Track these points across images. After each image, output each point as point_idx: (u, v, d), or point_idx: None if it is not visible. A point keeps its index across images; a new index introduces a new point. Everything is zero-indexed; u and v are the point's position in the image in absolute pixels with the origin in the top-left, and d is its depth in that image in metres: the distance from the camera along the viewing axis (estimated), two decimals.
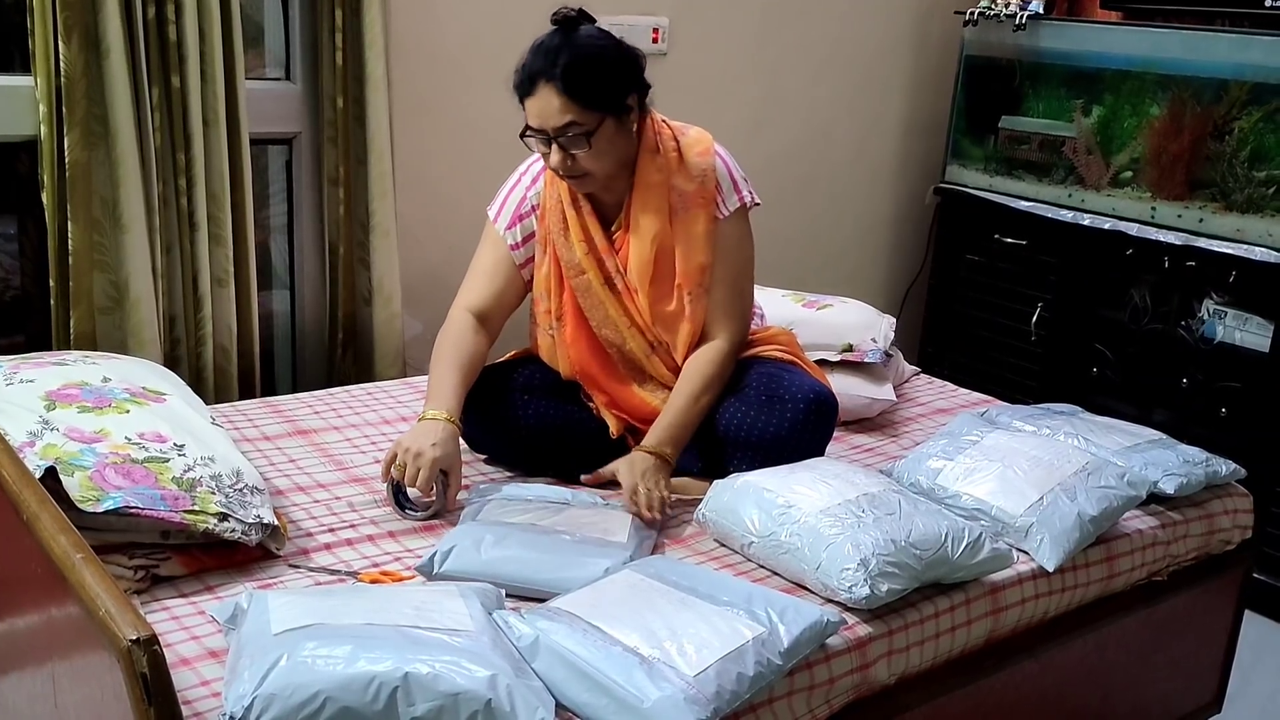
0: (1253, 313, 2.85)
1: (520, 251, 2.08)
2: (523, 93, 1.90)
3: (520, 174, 2.11)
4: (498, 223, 2.09)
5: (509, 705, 1.26)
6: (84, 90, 2.14)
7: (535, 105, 1.89)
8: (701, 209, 2.00)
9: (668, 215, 1.99)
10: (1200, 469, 2.09)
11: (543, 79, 1.87)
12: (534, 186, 2.07)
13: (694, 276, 2.00)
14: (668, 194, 1.99)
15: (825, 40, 3.41)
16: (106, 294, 2.25)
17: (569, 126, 1.87)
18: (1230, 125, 2.87)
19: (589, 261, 2.01)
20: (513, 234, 2.08)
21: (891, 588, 1.62)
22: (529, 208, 2.07)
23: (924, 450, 2.04)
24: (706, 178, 2.00)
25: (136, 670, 1.07)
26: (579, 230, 2.01)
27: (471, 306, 2.08)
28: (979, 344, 3.46)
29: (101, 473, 1.59)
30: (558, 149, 1.90)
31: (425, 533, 1.81)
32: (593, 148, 1.89)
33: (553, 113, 1.87)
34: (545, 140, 1.91)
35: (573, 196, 2.02)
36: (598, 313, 2.03)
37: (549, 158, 1.93)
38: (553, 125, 1.88)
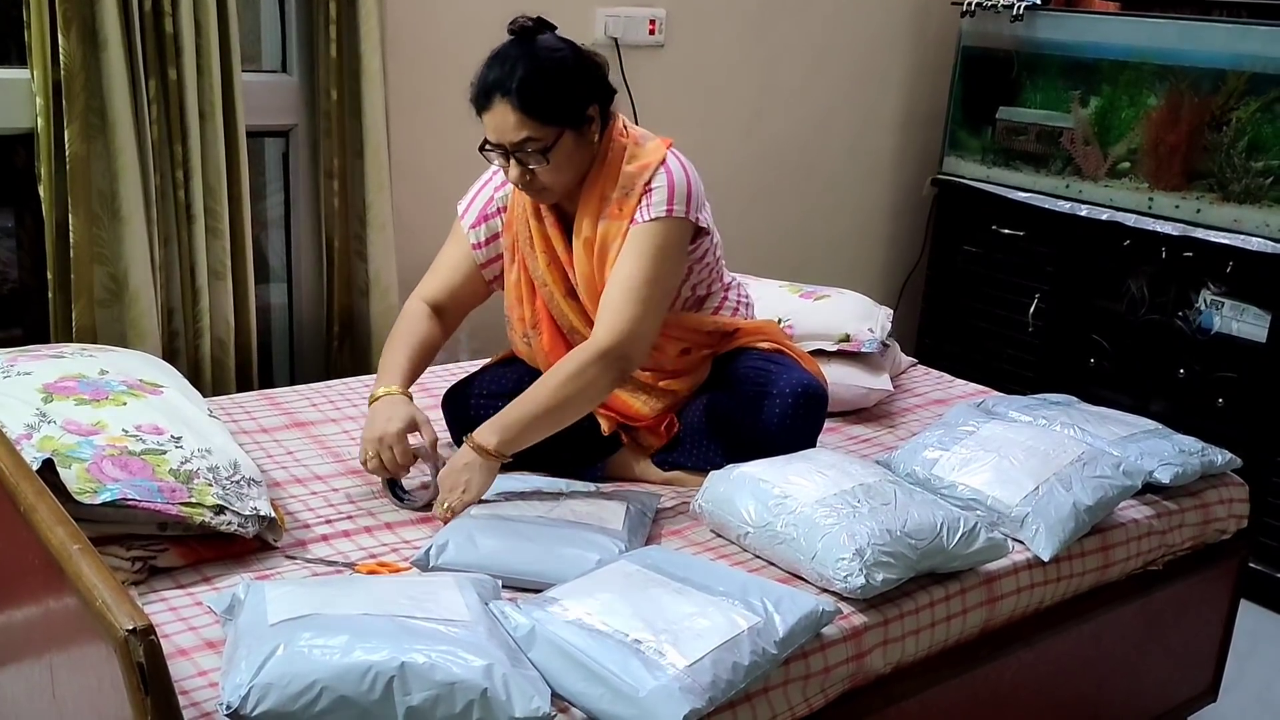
0: (1250, 303, 2.86)
1: (482, 251, 2.07)
2: (479, 106, 1.87)
3: (492, 173, 2.08)
4: (463, 219, 2.08)
5: (505, 694, 1.27)
6: (83, 83, 2.14)
7: (492, 120, 1.85)
8: (620, 220, 1.91)
9: (598, 225, 1.93)
10: (1196, 459, 2.10)
11: (498, 93, 1.83)
12: (503, 188, 2.06)
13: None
14: (601, 204, 1.93)
15: (823, 32, 3.40)
16: (105, 287, 2.26)
17: (526, 142, 1.84)
18: (1227, 115, 2.87)
19: (550, 273, 2.00)
20: (476, 233, 2.06)
21: (887, 577, 1.62)
22: (495, 209, 2.06)
23: (920, 440, 2.05)
24: (633, 190, 1.90)
25: (133, 660, 1.07)
26: (541, 241, 1.99)
27: (427, 298, 2.07)
28: (977, 335, 3.47)
29: (99, 465, 1.59)
30: (515, 164, 1.87)
31: (421, 524, 1.82)
32: (550, 162, 1.85)
33: (509, 128, 1.83)
34: (504, 154, 1.88)
35: (535, 208, 1.99)
36: (564, 322, 2.03)
37: (508, 172, 1.90)
38: (509, 140, 1.84)
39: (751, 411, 1.98)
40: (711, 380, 2.07)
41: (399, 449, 1.83)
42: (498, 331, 2.83)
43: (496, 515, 1.76)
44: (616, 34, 2.95)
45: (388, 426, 1.84)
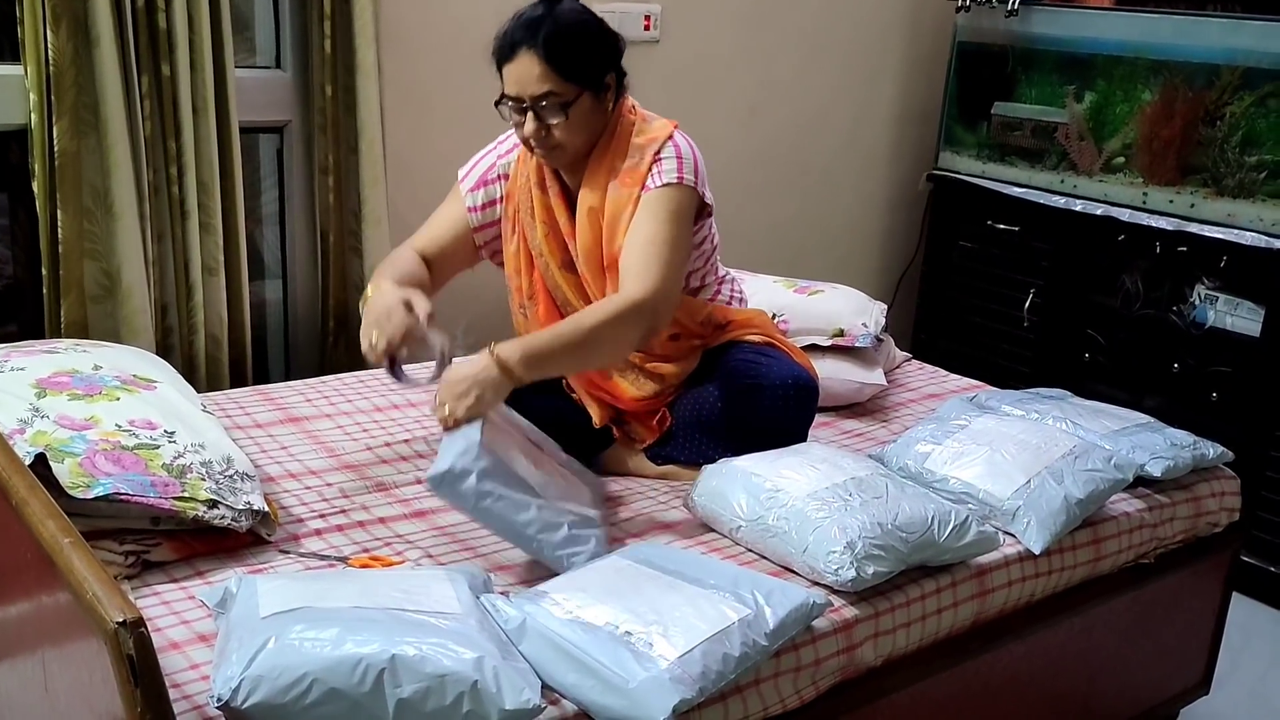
0: (1244, 297, 2.86)
1: (477, 215, 2.07)
2: (502, 58, 1.89)
3: (497, 142, 2.11)
4: (463, 183, 2.09)
5: (495, 687, 1.28)
6: (73, 79, 2.14)
7: (514, 71, 1.87)
8: (628, 188, 1.93)
9: (604, 195, 1.95)
10: (1188, 452, 2.10)
11: (524, 46, 1.86)
12: (507, 156, 2.07)
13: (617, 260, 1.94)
14: (609, 174, 1.95)
15: (818, 27, 3.41)
16: (98, 282, 2.26)
17: (547, 95, 1.86)
18: (1222, 110, 2.87)
19: (548, 244, 2.01)
20: (474, 196, 2.08)
21: (878, 570, 1.63)
22: (496, 175, 2.07)
23: (912, 434, 2.05)
24: (644, 159, 1.92)
25: (123, 652, 1.08)
26: (543, 212, 2.01)
27: (417, 249, 2.07)
28: (972, 330, 3.47)
29: (92, 459, 1.60)
30: (533, 118, 1.88)
31: (415, 518, 1.82)
32: (568, 119, 1.88)
33: (531, 80, 1.86)
34: (520, 109, 1.89)
35: (539, 178, 2.01)
36: (559, 295, 2.03)
37: (523, 127, 1.90)
38: (530, 93, 1.87)
39: (743, 404, 1.98)
40: (703, 373, 2.07)
41: (397, 317, 1.81)
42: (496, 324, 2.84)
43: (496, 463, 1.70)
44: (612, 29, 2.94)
45: (384, 302, 1.83)
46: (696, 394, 2.05)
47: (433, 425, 2.17)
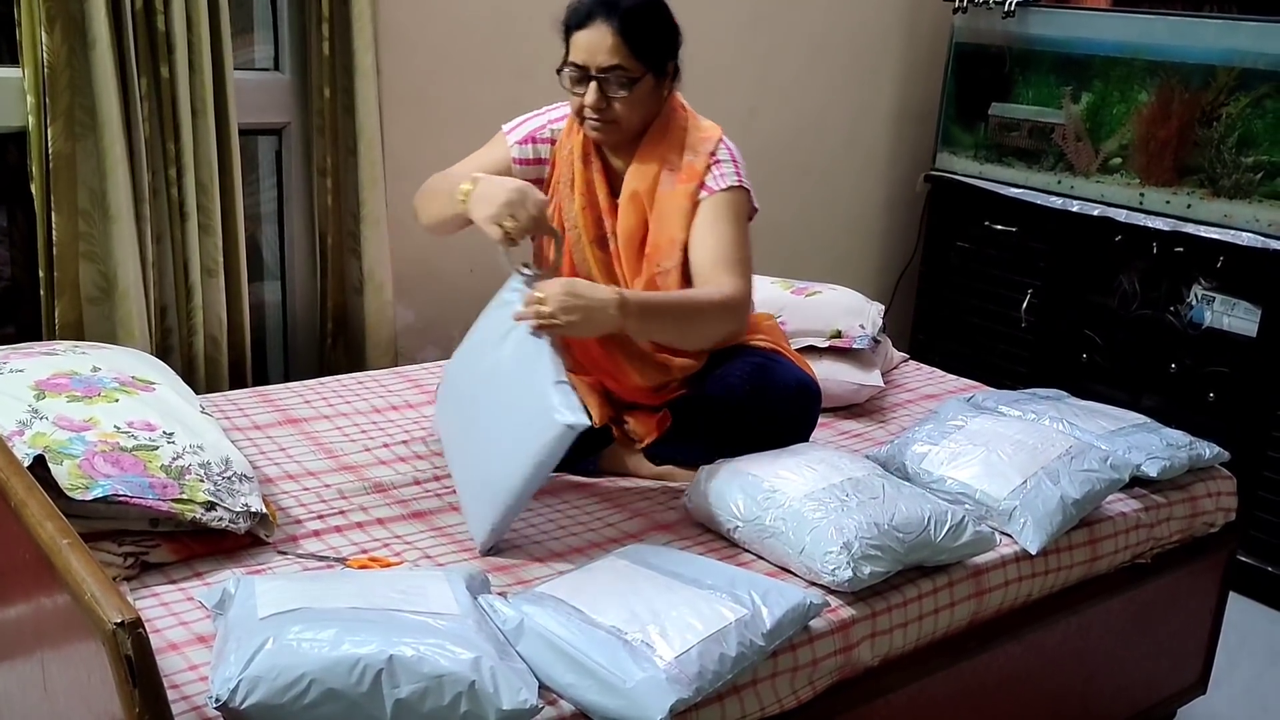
0: (1240, 298, 2.87)
1: (520, 169, 2.06)
2: (576, 24, 1.91)
3: (548, 108, 2.11)
4: (510, 135, 2.07)
5: (492, 687, 1.28)
6: (68, 81, 2.15)
7: (587, 39, 1.89)
8: (684, 184, 1.98)
9: (654, 183, 1.99)
10: (1184, 452, 2.11)
11: (600, 16, 1.89)
12: (558, 122, 2.07)
13: (663, 249, 1.98)
14: (661, 164, 1.99)
15: (816, 28, 3.41)
16: (95, 284, 2.26)
17: (615, 69, 1.90)
18: (1218, 111, 2.87)
19: (584, 218, 2.02)
20: (522, 149, 2.07)
21: (874, 570, 1.63)
22: (545, 136, 2.07)
23: (909, 435, 2.06)
24: (699, 158, 1.99)
25: (121, 653, 1.08)
26: (582, 185, 2.02)
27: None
28: (970, 331, 3.48)
29: (90, 461, 1.60)
30: (596, 88, 1.91)
31: (413, 519, 1.83)
32: (630, 95, 1.91)
33: (603, 50, 1.88)
34: (583, 78, 1.91)
35: (584, 152, 2.02)
36: (584, 268, 2.04)
37: (582, 97, 1.92)
38: (599, 63, 1.90)
39: (746, 407, 1.99)
40: (706, 374, 2.08)
41: (531, 200, 1.79)
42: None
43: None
44: None
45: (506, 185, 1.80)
46: (699, 395, 2.05)
47: (430, 425, 2.18)
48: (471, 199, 1.85)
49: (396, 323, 2.73)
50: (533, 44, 2.89)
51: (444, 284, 2.89)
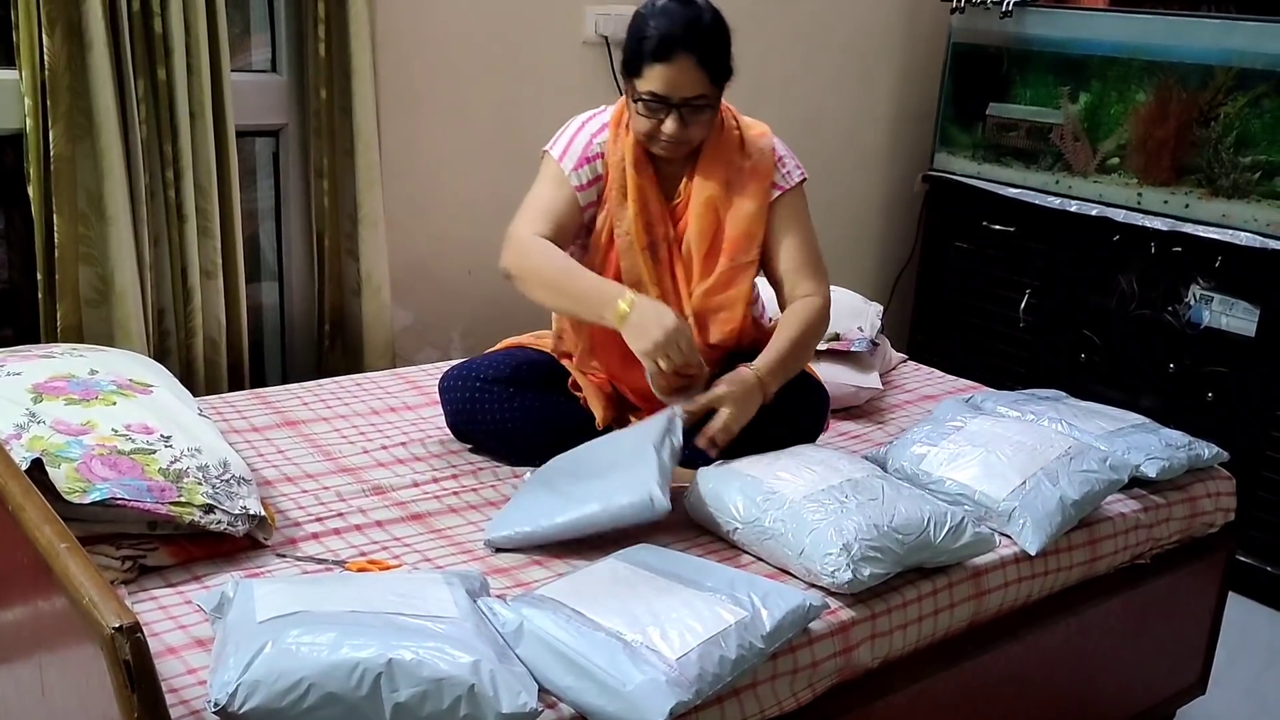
0: (1239, 297, 2.87)
1: (585, 193, 2.05)
2: (655, 57, 1.89)
3: (584, 121, 2.09)
4: (563, 162, 2.05)
5: (492, 690, 1.28)
6: (68, 83, 2.14)
7: (669, 73, 1.89)
8: (755, 183, 2.03)
9: (725, 186, 2.02)
10: (1183, 453, 2.11)
11: (683, 49, 1.88)
12: (600, 135, 2.06)
13: (740, 243, 2.02)
14: (727, 169, 2.02)
15: (813, 29, 3.41)
16: (93, 287, 2.26)
17: (698, 99, 1.91)
18: (1216, 111, 2.87)
19: (637, 225, 2.02)
20: (579, 175, 2.05)
21: (874, 572, 1.63)
22: (595, 152, 2.05)
23: (908, 436, 2.06)
24: (764, 156, 2.04)
25: (119, 657, 1.08)
26: (636, 193, 2.02)
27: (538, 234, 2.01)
28: (968, 331, 3.48)
29: (88, 464, 1.60)
30: (676, 118, 1.92)
31: (412, 521, 1.82)
32: (708, 119, 1.96)
33: (688, 84, 1.90)
34: (663, 108, 1.92)
35: (636, 159, 2.02)
36: (632, 275, 2.03)
37: (660, 125, 1.93)
38: (683, 95, 1.91)
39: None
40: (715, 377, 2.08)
41: (685, 340, 1.83)
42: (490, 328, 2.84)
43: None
44: (606, 32, 2.95)
45: (665, 321, 1.82)
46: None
47: (429, 427, 2.18)
48: (628, 325, 1.85)
49: (394, 324, 2.73)
50: (529, 45, 2.90)
51: (442, 286, 2.89)
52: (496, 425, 2.05)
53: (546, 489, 1.82)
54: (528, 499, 1.82)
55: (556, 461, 1.91)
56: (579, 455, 1.91)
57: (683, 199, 2.04)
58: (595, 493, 1.74)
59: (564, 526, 1.72)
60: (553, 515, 1.73)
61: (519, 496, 1.85)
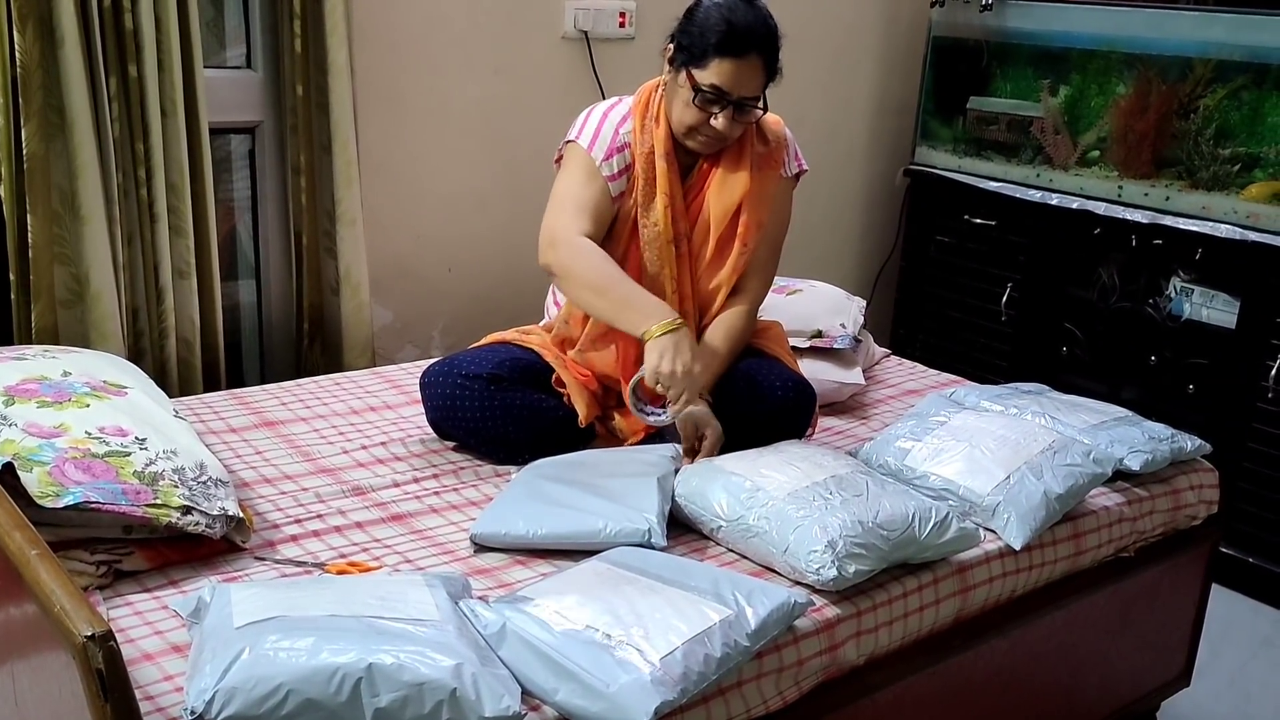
0: (1219, 289, 2.87)
1: (616, 183, 2.05)
2: (729, 51, 1.91)
3: (606, 110, 2.08)
4: (593, 152, 2.03)
5: (474, 694, 1.26)
6: (40, 81, 2.11)
7: (740, 70, 1.92)
8: (772, 169, 2.10)
9: (749, 173, 2.05)
10: (1166, 445, 2.11)
11: (755, 49, 1.93)
12: (624, 124, 2.05)
13: (753, 232, 2.07)
14: (750, 154, 2.06)
15: (793, 22, 3.36)
16: (68, 287, 2.23)
17: (754, 99, 1.97)
18: (1195, 103, 2.88)
19: (665, 216, 2.03)
20: (609, 165, 2.04)
21: (859, 569, 1.62)
22: (623, 142, 2.05)
23: (892, 431, 2.05)
24: (779, 142, 2.11)
25: (92, 666, 1.06)
26: (665, 183, 2.02)
27: (590, 235, 2.01)
28: (950, 325, 3.48)
29: (61, 468, 1.57)
30: (729, 115, 1.95)
31: (392, 521, 1.81)
32: (750, 121, 2.01)
33: (754, 84, 1.95)
34: (720, 103, 1.94)
35: (666, 150, 2.03)
36: (652, 266, 2.04)
37: (709, 118, 1.95)
38: (745, 93, 1.94)
39: (742, 404, 1.98)
40: None
41: (691, 392, 1.88)
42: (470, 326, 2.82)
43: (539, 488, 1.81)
44: (586, 27, 2.93)
45: (689, 362, 1.86)
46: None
47: (409, 426, 2.16)
48: (652, 340, 1.87)
49: (374, 323, 2.71)
50: (508, 40, 2.88)
51: (421, 283, 2.87)
52: (478, 422, 2.03)
53: (538, 495, 1.79)
54: (519, 502, 1.79)
55: (548, 467, 1.89)
56: (573, 464, 1.89)
57: (697, 186, 2.06)
58: (594, 512, 1.71)
59: (556, 538, 1.69)
60: (546, 525, 1.70)
61: (509, 497, 1.82)
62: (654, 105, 2.04)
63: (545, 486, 1.81)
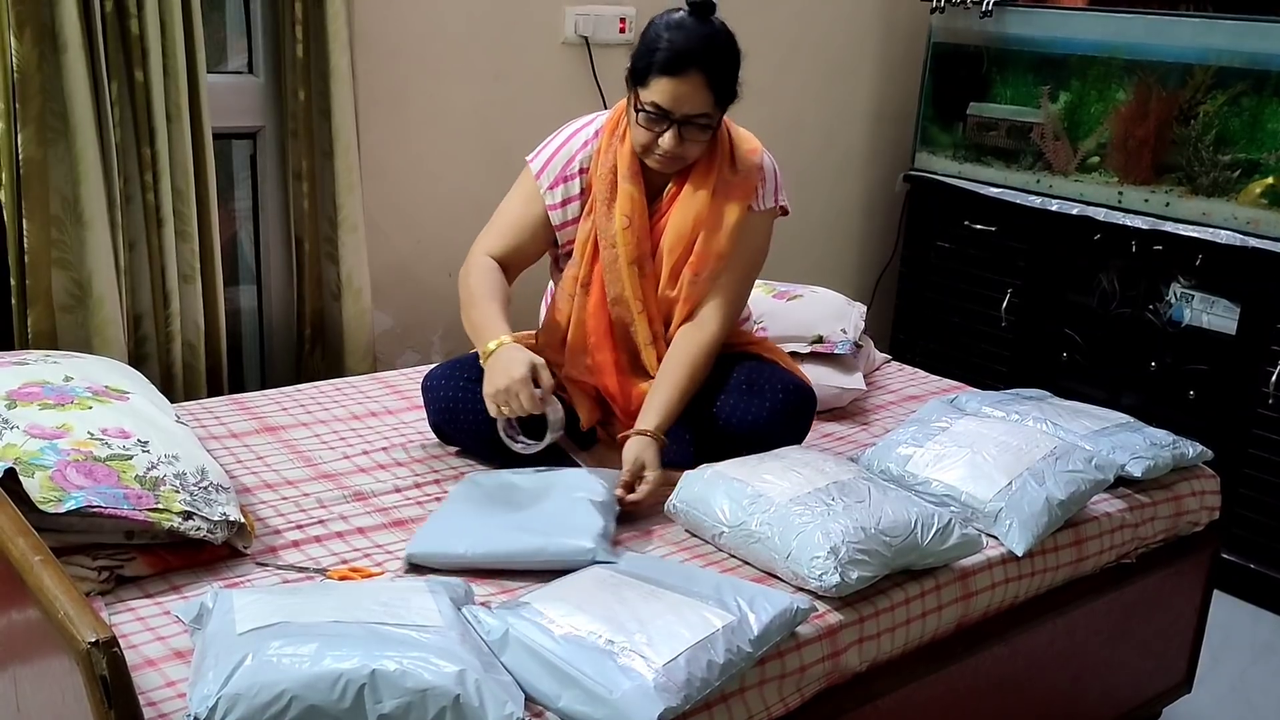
0: (1219, 295, 2.88)
1: (558, 213, 2.05)
2: (667, 70, 1.88)
3: (572, 132, 2.07)
4: (540, 179, 2.04)
5: (478, 700, 1.26)
6: (39, 85, 2.11)
7: (676, 88, 1.87)
8: (739, 201, 2.01)
9: (708, 198, 1.99)
10: (1168, 451, 2.11)
11: (694, 66, 1.87)
12: (584, 149, 2.04)
13: (707, 262, 2.00)
14: (715, 180, 2.00)
15: (792, 28, 3.40)
16: (68, 292, 2.22)
17: (700, 117, 1.90)
18: (1195, 109, 2.88)
19: (624, 237, 2.00)
20: (553, 194, 2.04)
21: (862, 575, 1.62)
22: (577, 169, 2.04)
23: (893, 437, 2.05)
24: (751, 173, 2.02)
25: (96, 673, 1.06)
26: (626, 204, 2.00)
27: (493, 253, 2.05)
28: (950, 330, 3.48)
29: (63, 472, 1.57)
30: (675, 134, 1.90)
31: (394, 527, 1.80)
32: (707, 137, 1.94)
33: (693, 101, 1.88)
34: (663, 122, 1.90)
35: (631, 171, 2.00)
36: (614, 288, 2.02)
37: (656, 137, 1.91)
38: (686, 112, 1.89)
39: (741, 407, 1.98)
40: None
41: (525, 395, 1.81)
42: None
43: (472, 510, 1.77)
44: (586, 32, 2.94)
45: (512, 372, 1.82)
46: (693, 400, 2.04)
47: (410, 431, 2.16)
48: (486, 366, 1.87)
49: (374, 328, 2.71)
50: (508, 46, 2.88)
51: (422, 289, 2.87)
52: (479, 427, 2.03)
53: (476, 514, 1.76)
54: (455, 520, 1.76)
55: (481, 486, 1.87)
56: (506, 485, 1.86)
57: (664, 207, 2.02)
58: (535, 530, 1.69)
59: (495, 558, 1.66)
60: (486, 544, 1.67)
61: (444, 514, 1.79)
62: (623, 124, 2.02)
63: (482, 506, 1.78)
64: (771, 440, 1.94)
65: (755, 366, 2.06)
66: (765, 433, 1.96)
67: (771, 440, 1.94)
